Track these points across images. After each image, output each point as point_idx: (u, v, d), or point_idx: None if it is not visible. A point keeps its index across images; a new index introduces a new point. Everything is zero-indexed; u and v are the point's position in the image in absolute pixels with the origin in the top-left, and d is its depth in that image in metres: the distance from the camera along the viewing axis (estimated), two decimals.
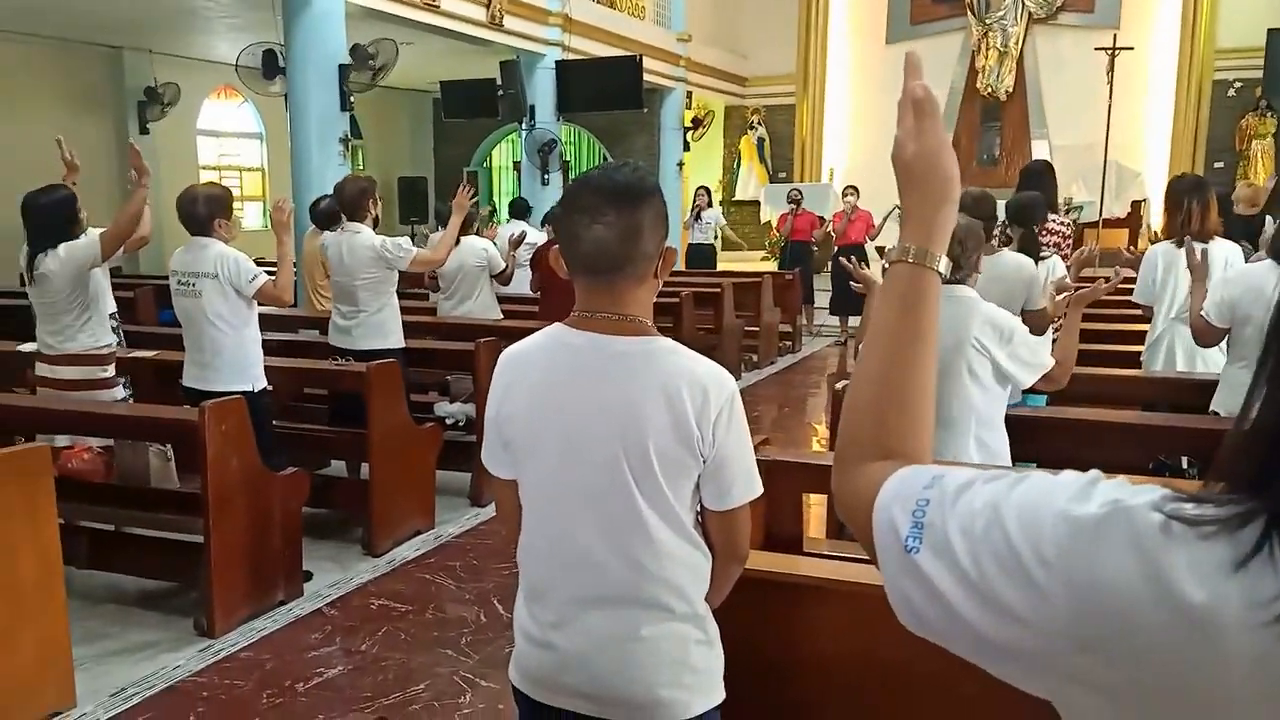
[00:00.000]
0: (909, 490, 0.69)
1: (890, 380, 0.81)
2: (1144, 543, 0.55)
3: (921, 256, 0.84)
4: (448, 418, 5.39)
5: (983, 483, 0.65)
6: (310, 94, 8.24)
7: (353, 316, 4.79)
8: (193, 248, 3.97)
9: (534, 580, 1.64)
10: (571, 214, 1.54)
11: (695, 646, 1.59)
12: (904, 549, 0.66)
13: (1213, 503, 0.54)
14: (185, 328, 4.04)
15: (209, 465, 3.49)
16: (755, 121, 15.85)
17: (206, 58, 11.91)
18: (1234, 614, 0.51)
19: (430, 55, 10.64)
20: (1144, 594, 0.54)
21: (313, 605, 3.83)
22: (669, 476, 1.52)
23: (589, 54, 11.75)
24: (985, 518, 0.62)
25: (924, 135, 0.86)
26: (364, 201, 4.74)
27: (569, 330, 1.59)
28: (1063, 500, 0.60)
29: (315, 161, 8.28)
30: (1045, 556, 0.58)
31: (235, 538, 3.60)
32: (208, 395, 3.73)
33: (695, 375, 1.53)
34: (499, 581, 4.04)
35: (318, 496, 4.22)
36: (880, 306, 0.85)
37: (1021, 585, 0.59)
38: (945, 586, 0.63)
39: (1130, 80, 12.90)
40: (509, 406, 1.62)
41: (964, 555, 0.62)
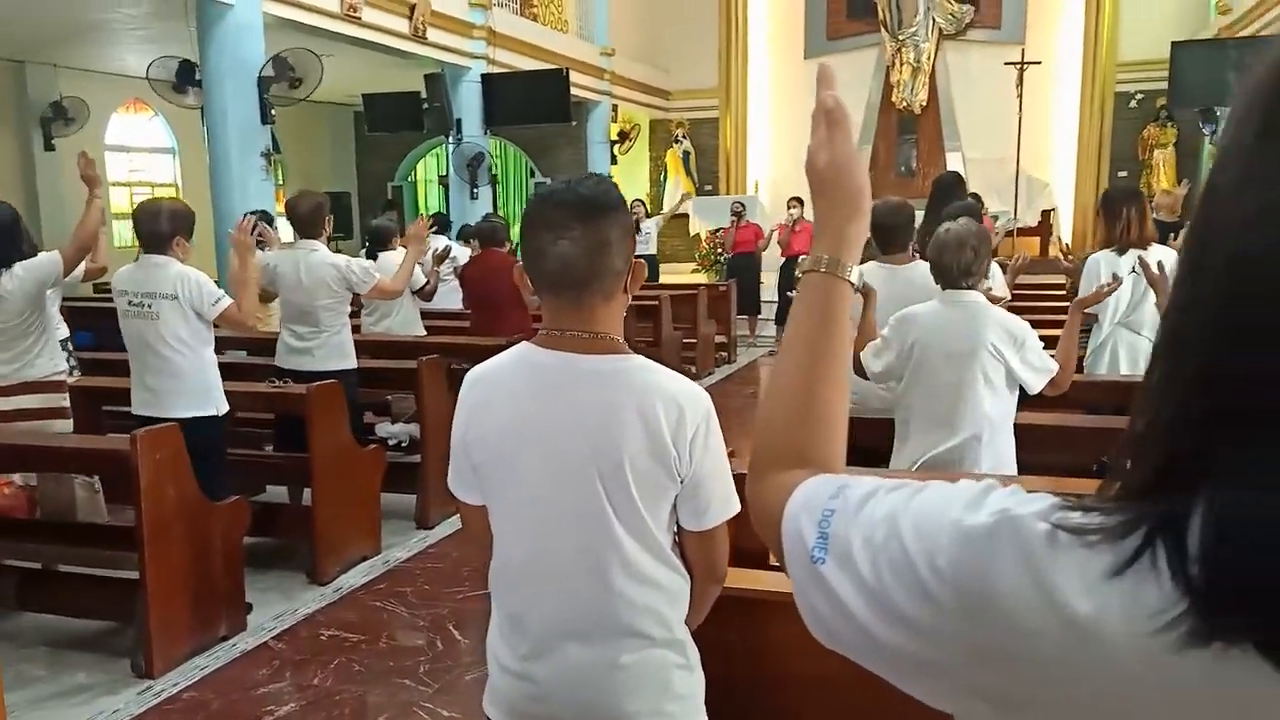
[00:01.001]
0: (816, 500, 0.68)
1: (803, 390, 0.81)
2: (1031, 552, 0.54)
3: (834, 266, 0.84)
4: (390, 439, 5.25)
5: (885, 492, 0.65)
6: (229, 107, 7.99)
7: (313, 338, 4.61)
8: (146, 266, 3.74)
9: (509, 609, 1.58)
10: (536, 230, 1.49)
11: (676, 672, 1.55)
12: (810, 559, 0.65)
13: (1100, 510, 0.54)
14: (136, 351, 3.77)
15: (143, 496, 3.31)
16: (680, 135, 15.97)
17: (114, 71, 11.46)
18: (1119, 624, 0.50)
19: (352, 68, 10.42)
20: (1033, 604, 0.53)
21: (257, 639, 3.66)
22: (646, 498, 1.48)
23: (514, 67, 11.68)
24: (885, 528, 0.62)
25: (834, 146, 0.86)
26: (320, 219, 4.59)
27: (538, 350, 1.53)
28: (956, 510, 0.59)
29: (236, 176, 8.03)
30: (938, 567, 0.58)
31: (173, 572, 3.42)
32: (164, 422, 3.54)
33: (670, 393, 1.49)
34: (453, 607, 3.93)
35: (258, 525, 4.04)
36: (793, 316, 0.85)
37: (918, 596, 0.59)
38: (848, 597, 0.62)
39: (1038, 94, 13.42)
40: (478, 429, 1.56)
41: (864, 565, 0.62)
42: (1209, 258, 0.52)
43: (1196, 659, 0.47)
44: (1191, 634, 0.47)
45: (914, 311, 2.94)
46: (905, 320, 2.91)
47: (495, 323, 5.81)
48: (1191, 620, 0.47)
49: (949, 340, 2.81)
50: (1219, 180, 0.52)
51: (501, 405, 1.54)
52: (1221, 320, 0.50)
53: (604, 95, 14.00)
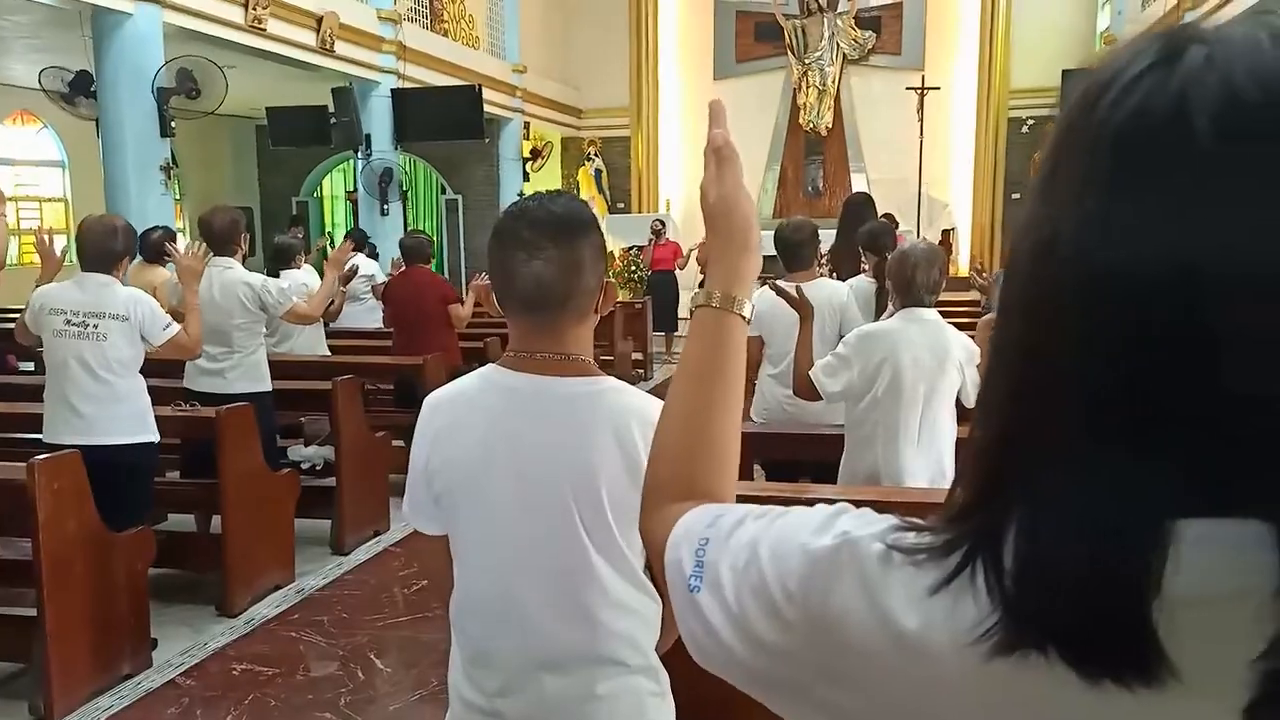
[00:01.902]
0: (695, 529, 0.70)
1: (694, 424, 0.82)
2: (866, 572, 0.57)
3: (726, 302, 0.85)
4: (304, 462, 5.09)
5: (752, 519, 0.67)
6: (125, 119, 7.69)
7: (225, 359, 4.44)
8: (90, 285, 3.55)
9: (475, 642, 1.51)
10: (507, 249, 1.44)
11: (650, 699, 1.51)
12: (688, 588, 0.67)
13: (931, 530, 0.56)
14: (66, 372, 3.53)
15: (41, 529, 3.12)
16: (592, 153, 16.03)
17: (1, 81, 10.89)
18: (943, 638, 0.53)
19: (255, 80, 10.13)
20: (868, 623, 0.56)
21: (164, 676, 3.49)
22: (621, 522, 1.44)
23: (424, 82, 11.55)
24: (747, 553, 0.64)
25: (723, 182, 0.87)
26: (236, 235, 4.44)
27: (506, 372, 1.48)
28: (805, 534, 0.62)
29: (134, 191, 7.71)
30: (789, 590, 0.60)
31: (74, 608, 3.24)
32: (99, 450, 3.37)
33: (644, 413, 1.45)
34: (373, 634, 3.82)
35: (163, 555, 3.85)
36: (686, 351, 0.85)
37: (770, 617, 0.61)
38: (717, 623, 0.64)
39: (937, 118, 13.95)
40: (442, 456, 1.50)
41: (729, 590, 0.64)
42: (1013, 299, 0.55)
43: (1005, 667, 0.50)
44: (1000, 644, 0.50)
45: (879, 329, 2.96)
46: (869, 338, 2.91)
47: (420, 341, 5.69)
48: (1001, 631, 0.50)
49: (919, 356, 2.85)
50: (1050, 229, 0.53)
51: (469, 429, 1.48)
52: (1017, 362, 0.54)
53: (516, 112, 13.96)
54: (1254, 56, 0.49)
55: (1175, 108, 0.49)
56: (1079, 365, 0.50)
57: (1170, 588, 0.47)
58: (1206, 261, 0.47)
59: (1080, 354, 0.50)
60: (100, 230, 3.60)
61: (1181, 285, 0.47)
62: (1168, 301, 0.48)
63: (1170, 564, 0.47)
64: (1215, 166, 0.48)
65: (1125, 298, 0.49)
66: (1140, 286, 0.48)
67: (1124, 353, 0.49)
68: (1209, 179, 0.48)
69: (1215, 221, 0.47)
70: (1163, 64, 0.50)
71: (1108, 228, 0.50)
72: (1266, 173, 0.47)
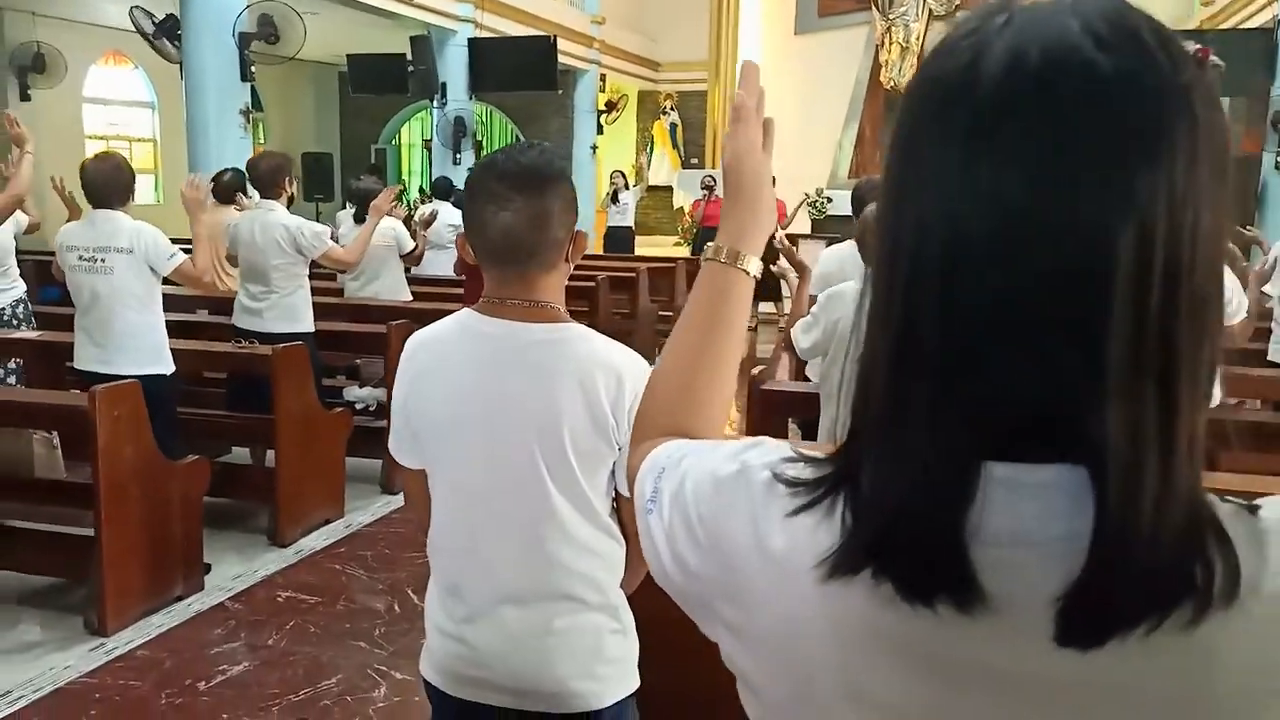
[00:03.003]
0: (658, 460, 0.75)
1: (687, 372, 0.85)
2: (753, 497, 0.62)
3: (732, 257, 0.86)
4: (357, 403, 5.23)
5: (694, 451, 0.72)
6: (207, 62, 7.87)
7: (263, 298, 4.58)
8: (98, 221, 3.70)
9: (447, 574, 1.59)
10: (477, 200, 1.49)
11: (609, 636, 1.58)
12: (645, 510, 0.73)
13: (813, 464, 0.62)
14: (86, 307, 3.73)
15: (100, 454, 3.29)
16: (668, 107, 15.86)
17: (95, 21, 11.26)
18: (804, 559, 0.58)
19: (337, 27, 10.27)
20: (749, 542, 0.62)
21: (214, 599, 3.66)
22: (584, 466, 1.50)
23: (501, 32, 11.54)
24: (679, 482, 0.70)
25: (735, 138, 0.88)
26: (279, 179, 4.54)
27: (479, 317, 1.54)
28: (718, 463, 0.67)
29: (213, 134, 7.91)
30: (700, 513, 0.66)
31: (129, 530, 3.41)
32: (114, 379, 3.50)
33: (609, 361, 1.51)
34: (412, 571, 3.94)
35: (219, 485, 4.02)
36: (691, 300, 0.88)
37: (691, 539, 0.67)
38: (660, 543, 0.70)
39: None
40: (418, 394, 1.57)
41: (668, 516, 0.70)
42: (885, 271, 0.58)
43: (845, 587, 0.56)
44: (837, 566, 0.56)
45: (840, 290, 3.03)
46: (832, 298, 2.98)
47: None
48: (841, 555, 0.56)
49: None
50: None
51: (443, 373, 1.54)
52: (876, 306, 0.58)
53: (592, 64, 13.86)
54: (1044, 23, 0.51)
55: (965, 69, 0.52)
56: (889, 319, 0.55)
57: (985, 525, 0.52)
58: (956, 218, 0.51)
59: (886, 310, 0.55)
60: (103, 168, 3.72)
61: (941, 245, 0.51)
62: (930, 260, 0.52)
63: (979, 502, 0.51)
64: (983, 122, 0.51)
65: (904, 253, 0.54)
66: (910, 244, 0.53)
67: (913, 308, 0.53)
68: (976, 135, 0.51)
69: (972, 180, 0.51)
70: (971, 33, 0.53)
71: (897, 185, 0.55)
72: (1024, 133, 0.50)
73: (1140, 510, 0.49)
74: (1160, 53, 0.50)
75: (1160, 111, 0.49)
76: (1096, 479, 0.49)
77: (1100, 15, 0.51)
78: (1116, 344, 0.49)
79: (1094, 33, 0.50)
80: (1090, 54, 0.49)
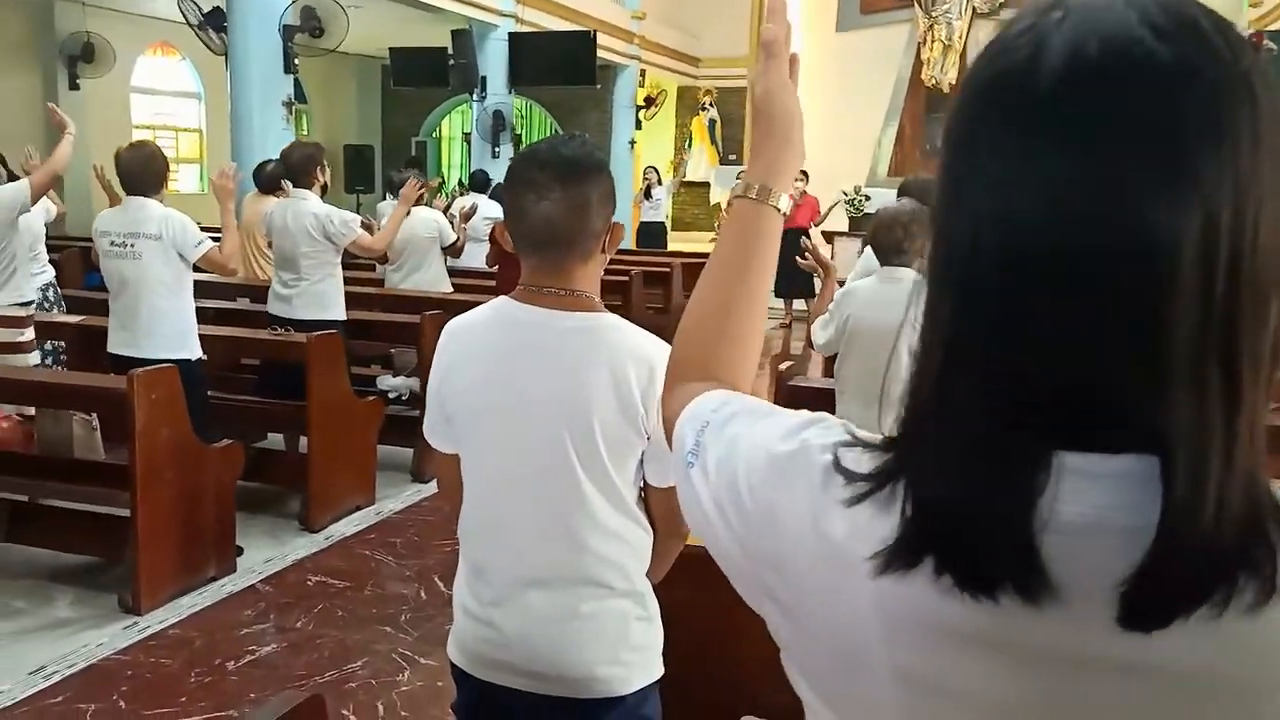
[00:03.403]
0: (701, 411, 0.75)
1: (719, 310, 0.86)
2: (812, 479, 0.62)
3: (763, 194, 0.86)
4: (390, 391, 5.28)
5: (744, 414, 0.72)
6: (252, 54, 7.96)
7: (294, 285, 4.64)
8: (130, 208, 3.80)
9: (476, 557, 1.61)
10: (517, 189, 1.52)
11: (635, 623, 1.58)
12: (685, 462, 0.73)
13: (871, 450, 0.61)
14: (117, 291, 3.84)
15: (138, 436, 3.35)
16: (707, 103, 15.80)
17: (143, 12, 11.46)
18: (861, 548, 0.57)
19: (379, 20, 10.35)
20: (805, 523, 0.62)
21: (246, 581, 3.72)
22: (613, 453, 1.51)
23: (542, 27, 11.57)
24: (729, 448, 0.70)
25: (767, 75, 0.88)
26: (311, 168, 4.59)
27: (515, 304, 1.56)
28: (774, 438, 0.67)
29: (257, 125, 8.00)
30: (752, 485, 0.66)
31: (164, 512, 3.47)
32: (140, 362, 3.57)
33: (641, 352, 1.52)
34: (440, 558, 3.96)
35: (253, 470, 4.08)
36: (720, 238, 0.89)
37: (739, 509, 0.67)
38: (704, 500, 0.71)
39: None
40: (453, 380, 1.59)
41: (714, 477, 0.70)
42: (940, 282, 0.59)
43: (902, 579, 0.56)
44: (897, 556, 0.55)
45: (853, 287, 3.06)
46: (845, 295, 3.01)
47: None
48: (901, 545, 0.55)
49: (879, 316, 2.89)
50: None
51: (477, 359, 1.56)
52: (925, 307, 0.59)
53: (632, 59, 13.85)
54: (1102, 16, 0.51)
55: (1024, 64, 0.52)
56: (948, 313, 0.56)
57: (1056, 515, 0.51)
58: (1016, 217, 0.51)
59: (943, 301, 0.56)
60: (136, 157, 3.80)
61: (998, 243, 0.51)
62: (988, 258, 0.52)
63: (1051, 492, 0.51)
64: (1045, 117, 0.51)
65: (959, 252, 0.54)
66: (967, 243, 0.53)
67: (969, 305, 0.54)
68: (1039, 131, 0.51)
69: (1033, 177, 0.51)
70: (1029, 28, 0.53)
71: (955, 182, 0.55)
72: (1087, 125, 0.50)
73: (1205, 496, 0.49)
74: (1219, 40, 0.51)
75: (1222, 99, 0.50)
76: (1165, 467, 0.50)
77: (1157, 6, 0.51)
78: (1181, 333, 0.49)
79: (1152, 23, 0.50)
80: (1150, 45, 0.50)
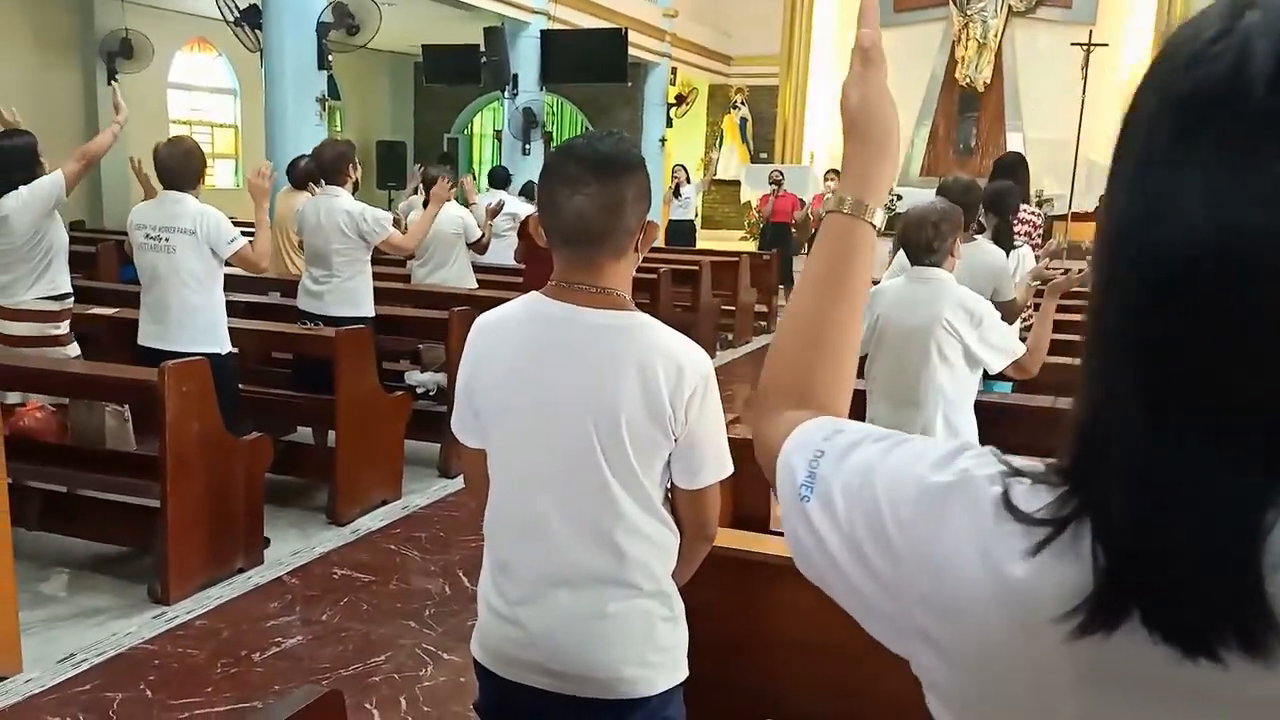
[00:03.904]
0: (810, 440, 0.71)
1: (816, 330, 0.82)
2: (979, 515, 0.57)
3: (857, 208, 0.82)
4: (418, 387, 5.30)
5: (870, 442, 0.68)
6: (286, 51, 8.05)
7: (325, 281, 4.66)
8: (166, 202, 3.85)
9: (502, 555, 1.61)
10: (553, 183, 1.51)
11: (661, 624, 1.58)
12: (798, 496, 0.69)
13: (1043, 483, 0.56)
14: (149, 284, 3.89)
15: (168, 428, 3.38)
16: (738, 101, 15.76)
17: (180, 9, 11.61)
18: (1045, 595, 0.53)
19: (413, 17, 10.42)
20: (974, 563, 0.57)
21: (273, 574, 3.74)
22: (640, 453, 1.50)
23: (574, 24, 11.58)
24: (861, 477, 0.65)
25: (867, 84, 0.84)
26: (343, 165, 4.61)
27: (546, 300, 1.56)
28: (924, 467, 0.62)
29: (291, 120, 8.09)
30: (901, 519, 0.61)
31: (194, 503, 3.50)
32: (169, 355, 3.60)
33: (671, 352, 1.51)
34: (465, 554, 3.97)
35: (281, 463, 4.11)
36: (813, 256, 0.85)
37: (882, 546, 0.62)
38: (828, 537, 0.66)
39: (1104, 77, 12.93)
40: (481, 375, 1.59)
41: (842, 511, 0.65)
42: (1093, 268, 0.55)
43: (1100, 635, 0.50)
44: (1100, 614, 0.50)
45: (882, 287, 3.00)
46: (874, 295, 2.95)
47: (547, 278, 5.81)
48: (1102, 601, 0.50)
49: (908, 316, 2.85)
50: None
51: (506, 354, 1.56)
52: (1099, 333, 0.53)
53: (663, 57, 13.83)
54: None
55: (1230, 75, 0.48)
56: (1145, 337, 0.50)
57: None
58: (1243, 231, 0.46)
59: (1144, 326, 0.50)
60: (175, 153, 3.85)
61: (1219, 258, 0.47)
62: (1209, 275, 0.47)
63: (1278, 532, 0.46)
64: (1265, 128, 0.46)
65: (1169, 270, 0.48)
66: (1180, 259, 0.48)
67: (1182, 327, 0.48)
68: (1259, 142, 0.46)
69: (1258, 189, 0.46)
70: (1224, 33, 0.49)
71: (1148, 203, 0.50)
72: None
73: None
74: None
75: None
76: None
77: None
78: None
79: None
80: None
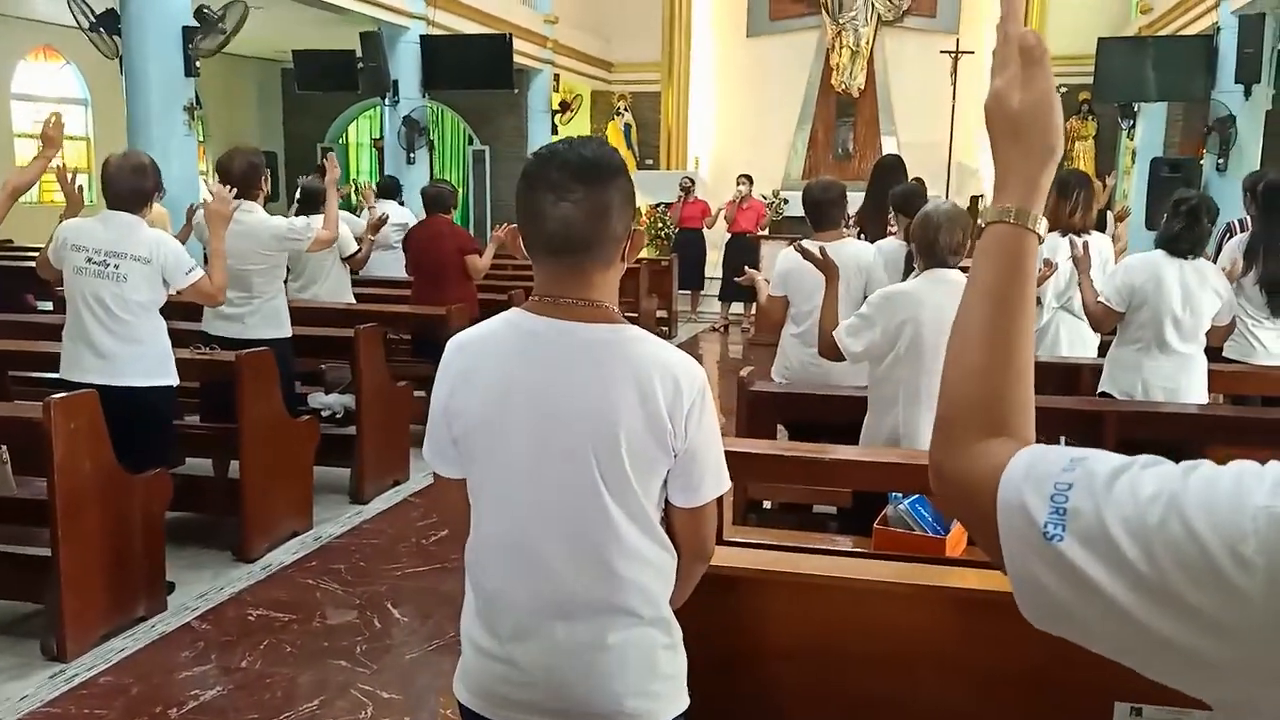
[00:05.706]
0: (1043, 471, 0.64)
1: (999, 348, 0.76)
2: None
3: (1023, 218, 0.78)
4: (324, 410, 5.04)
5: (1140, 468, 0.61)
6: (149, 57, 7.55)
7: (245, 304, 4.34)
8: (115, 224, 3.47)
9: (488, 588, 1.50)
10: (535, 190, 1.42)
11: (662, 652, 1.51)
12: (1042, 535, 0.62)
13: None
14: (87, 311, 3.45)
15: (57, 469, 3.08)
16: (622, 108, 15.76)
17: (22, 15, 10.78)
18: None
19: (282, 22, 9.97)
20: None
21: (180, 620, 3.46)
22: (639, 472, 1.43)
23: (453, 29, 11.33)
24: (1160, 509, 0.57)
25: (1032, 85, 0.79)
26: (256, 178, 4.31)
27: (530, 316, 1.46)
28: (1261, 495, 0.55)
29: (156, 132, 7.58)
30: (1243, 555, 0.54)
31: (88, 549, 3.20)
32: (117, 390, 3.33)
33: (667, 365, 1.44)
34: (390, 583, 3.78)
35: (181, 499, 3.80)
36: (982, 270, 0.79)
37: (1214, 587, 0.54)
38: (1100, 579, 0.58)
39: (971, 82, 13.49)
40: (461, 399, 1.48)
41: (1130, 549, 0.57)
42: None
43: None
44: None
45: (900, 290, 2.95)
46: (893, 299, 2.91)
47: (438, 293, 5.64)
48: None
49: (941, 318, 2.83)
50: None
51: (489, 373, 1.47)
52: None
53: (546, 64, 13.70)
54: None
55: None
56: None
57: None
58: None
59: None
60: (128, 168, 3.50)
61: None
62: None
63: None
64: None
65: None
66: None
67: None
68: None
69: None
70: None
71: None
72: None
73: None
74: None
75: None
76: None
77: None
78: None
79: None
80: None
